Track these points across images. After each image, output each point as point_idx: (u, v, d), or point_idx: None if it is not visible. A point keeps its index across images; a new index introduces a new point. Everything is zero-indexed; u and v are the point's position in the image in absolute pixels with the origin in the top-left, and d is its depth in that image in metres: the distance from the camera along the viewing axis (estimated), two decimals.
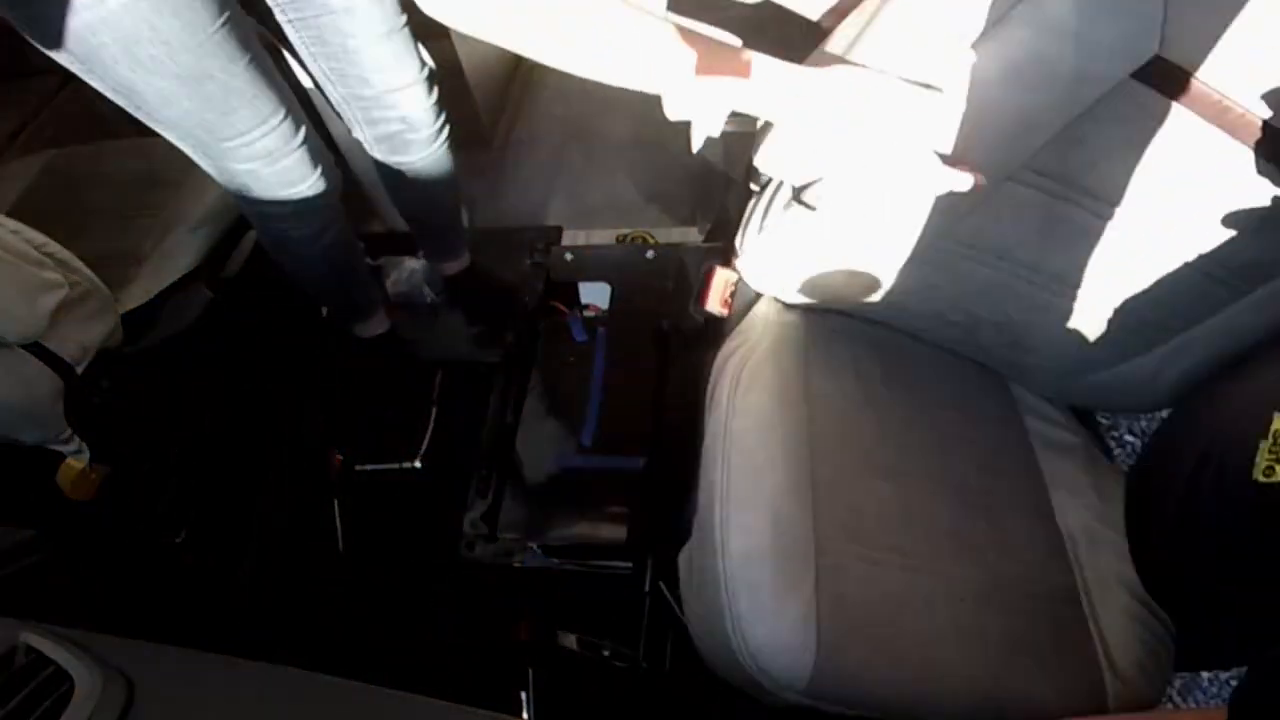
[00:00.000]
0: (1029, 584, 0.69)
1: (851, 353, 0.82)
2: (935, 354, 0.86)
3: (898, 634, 0.63)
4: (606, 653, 0.94)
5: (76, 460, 1.00)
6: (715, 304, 0.95)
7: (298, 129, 0.91)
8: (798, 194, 0.71)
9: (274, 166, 0.90)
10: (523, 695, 0.92)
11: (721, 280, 0.96)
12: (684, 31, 0.52)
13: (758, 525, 0.63)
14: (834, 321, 0.84)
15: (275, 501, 1.20)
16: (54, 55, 0.73)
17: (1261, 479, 0.56)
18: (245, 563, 1.14)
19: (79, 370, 0.98)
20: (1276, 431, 0.57)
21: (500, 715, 0.49)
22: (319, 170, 0.96)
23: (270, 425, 1.28)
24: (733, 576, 0.61)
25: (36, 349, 0.93)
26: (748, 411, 0.71)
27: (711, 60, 0.52)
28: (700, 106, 0.54)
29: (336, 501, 1.18)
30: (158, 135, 0.85)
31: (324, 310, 1.38)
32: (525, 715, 0.92)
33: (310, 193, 0.96)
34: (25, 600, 0.93)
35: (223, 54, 0.78)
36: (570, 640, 0.95)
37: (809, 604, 0.60)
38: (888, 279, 0.77)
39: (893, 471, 0.73)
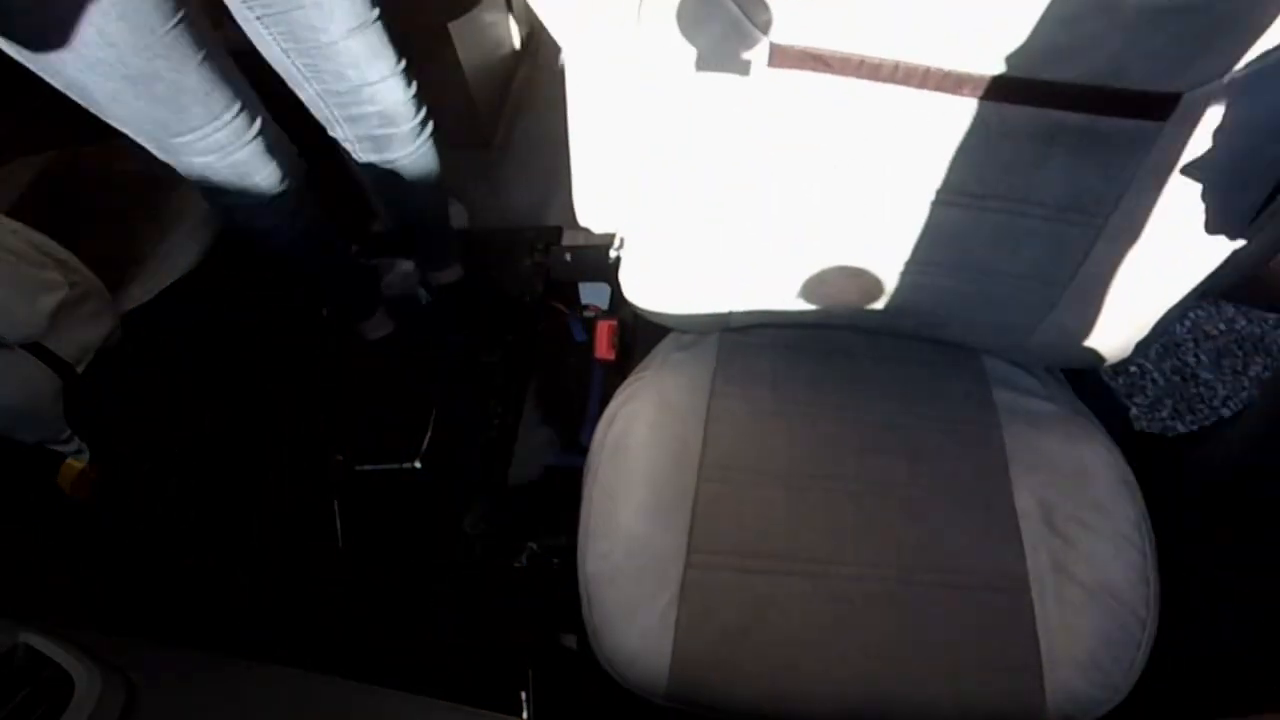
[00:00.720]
0: (958, 575, 0.68)
1: (770, 364, 0.82)
2: (890, 343, 0.84)
3: (764, 640, 0.64)
4: None
5: (76, 460, 1.00)
6: (604, 350, 1.11)
7: (252, 122, 0.91)
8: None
9: (228, 159, 0.90)
10: (523, 695, 0.92)
11: (605, 329, 1.11)
12: None
13: (609, 550, 0.69)
14: (755, 336, 0.84)
15: (275, 501, 1.20)
16: (7, 49, 0.74)
17: None
18: (245, 562, 1.14)
19: (79, 370, 0.98)
20: None
21: (500, 715, 0.49)
22: (276, 162, 0.96)
23: (270, 425, 1.28)
24: (590, 596, 0.68)
25: (36, 349, 0.93)
26: (616, 447, 0.75)
27: None
28: None
29: (336, 501, 1.18)
30: None
31: (324, 310, 1.38)
32: (525, 715, 0.92)
33: (267, 184, 0.96)
34: (25, 600, 0.93)
35: (175, 54, 0.78)
36: (570, 640, 0.95)
37: (664, 617, 0.65)
38: (744, 284, 0.78)
39: (794, 478, 0.73)
